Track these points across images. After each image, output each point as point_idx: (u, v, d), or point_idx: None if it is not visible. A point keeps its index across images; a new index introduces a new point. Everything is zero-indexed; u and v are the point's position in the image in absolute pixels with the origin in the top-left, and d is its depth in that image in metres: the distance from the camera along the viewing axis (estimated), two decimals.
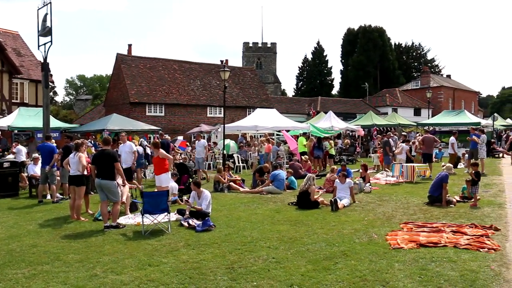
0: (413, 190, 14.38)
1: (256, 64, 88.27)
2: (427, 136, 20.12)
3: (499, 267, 6.67)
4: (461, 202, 12.18)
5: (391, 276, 6.24)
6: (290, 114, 44.05)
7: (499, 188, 14.88)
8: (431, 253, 7.33)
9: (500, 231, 8.89)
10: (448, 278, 6.13)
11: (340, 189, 12.11)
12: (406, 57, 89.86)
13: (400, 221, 9.84)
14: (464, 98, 71.00)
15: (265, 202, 12.74)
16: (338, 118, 31.45)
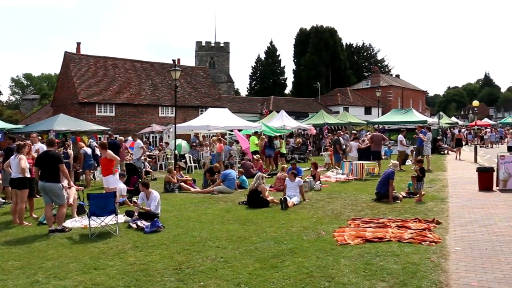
0: (362, 187, 14.70)
1: (209, 63, 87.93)
2: (375, 134, 20.64)
3: (439, 258, 6.93)
4: (407, 197, 12.55)
5: (336, 271, 6.35)
6: (243, 114, 44.12)
7: (443, 183, 15.45)
8: (376, 248, 7.52)
9: (442, 225, 9.25)
10: (391, 272, 6.29)
11: (290, 187, 12.22)
12: (357, 57, 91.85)
13: (348, 217, 10.04)
14: (412, 97, 73.25)
15: (216, 202, 12.69)
16: (290, 117, 31.74)
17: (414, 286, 5.78)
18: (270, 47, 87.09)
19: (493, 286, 5.85)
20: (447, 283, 5.93)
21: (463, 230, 8.79)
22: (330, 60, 78.92)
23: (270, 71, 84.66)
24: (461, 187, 14.36)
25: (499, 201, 11.77)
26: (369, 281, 5.95)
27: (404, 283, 5.88)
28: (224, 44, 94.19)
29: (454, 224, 9.31)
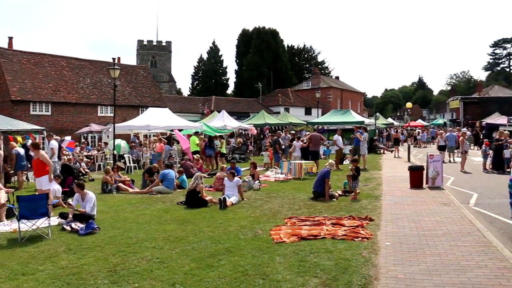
0: (300, 186, 14.98)
1: (150, 62, 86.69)
2: (314, 134, 21.08)
3: (370, 253, 7.23)
4: (343, 196, 12.96)
5: (271, 269, 6.47)
6: (184, 114, 43.78)
7: (377, 182, 16.03)
8: (311, 245, 7.72)
9: (374, 221, 9.63)
10: (324, 268, 6.49)
11: (229, 187, 12.28)
12: (298, 58, 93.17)
13: (285, 216, 10.22)
14: (351, 99, 75.24)
15: (154, 203, 12.54)
16: (231, 117, 31.82)
17: (345, 281, 5.99)
18: (212, 47, 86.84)
19: (418, 277, 6.19)
20: (376, 277, 6.19)
21: (394, 226, 9.20)
22: (272, 61, 79.67)
23: (212, 71, 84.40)
24: (394, 185, 14.98)
25: (428, 198, 12.40)
26: (302, 278, 6.10)
27: (336, 278, 6.08)
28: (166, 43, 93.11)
29: (386, 220, 9.72)
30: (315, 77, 70.09)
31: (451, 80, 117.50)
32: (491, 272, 6.41)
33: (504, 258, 7.07)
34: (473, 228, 9.04)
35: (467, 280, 6.06)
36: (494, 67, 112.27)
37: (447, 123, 64.24)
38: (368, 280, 6.04)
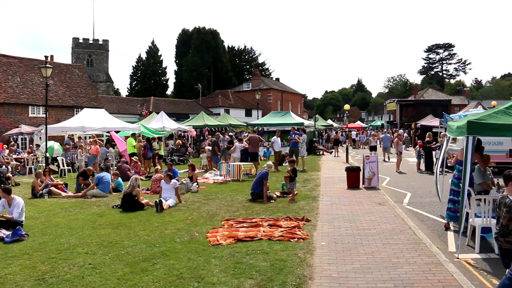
0: (239, 188, 15.00)
1: (87, 61, 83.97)
2: (252, 136, 21.15)
3: (305, 254, 7.34)
4: (281, 197, 13.07)
5: (207, 272, 6.42)
6: (122, 115, 42.78)
7: (316, 183, 16.31)
8: (247, 247, 7.73)
9: (311, 222, 9.79)
10: (259, 269, 6.52)
11: (166, 189, 12.09)
12: (239, 59, 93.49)
13: (222, 218, 10.19)
14: (291, 100, 76.31)
15: (88, 207, 12.12)
16: (170, 119, 31.41)
17: (279, 281, 6.04)
18: (151, 47, 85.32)
19: (351, 275, 6.36)
20: (310, 276, 6.30)
21: (330, 226, 9.39)
22: (212, 62, 79.50)
23: (151, 71, 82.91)
24: (332, 186, 15.31)
25: (364, 198, 12.77)
26: (237, 280, 6.10)
27: (271, 279, 6.12)
28: (103, 41, 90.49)
29: (322, 221, 9.92)
30: (256, 79, 70.53)
31: (388, 83, 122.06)
32: (419, 268, 6.70)
33: (431, 254, 7.41)
34: (405, 226, 9.41)
35: (397, 276, 6.30)
36: (429, 71, 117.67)
37: (384, 124, 66.46)
38: (303, 280, 6.13)
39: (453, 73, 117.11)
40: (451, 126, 9.43)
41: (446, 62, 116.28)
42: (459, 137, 13.33)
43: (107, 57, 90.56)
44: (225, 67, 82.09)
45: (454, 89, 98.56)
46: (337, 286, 6.00)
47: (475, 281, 6.32)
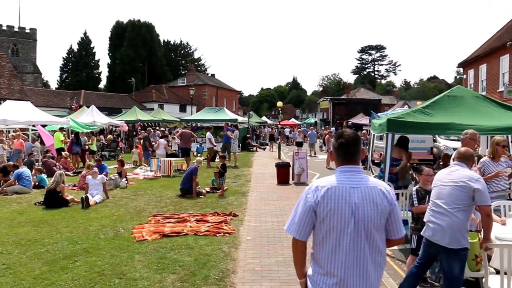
0: (169, 184, 14.86)
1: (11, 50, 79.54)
2: (184, 131, 21.03)
3: (230, 248, 7.43)
4: (211, 192, 13.09)
5: (129, 268, 6.34)
6: (50, 108, 41.00)
7: (246, 178, 16.45)
8: (173, 242, 7.71)
9: (238, 217, 9.90)
10: (183, 264, 6.53)
11: (93, 185, 11.75)
12: (174, 54, 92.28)
13: (150, 214, 10.07)
14: (227, 96, 76.31)
15: (8, 204, 11.49)
16: (101, 113, 30.51)
17: (202, 275, 6.08)
18: (84, 38, 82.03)
19: (274, 268, 6.51)
20: (233, 270, 6.39)
21: (257, 220, 9.54)
22: (146, 56, 77.95)
23: (83, 63, 79.86)
24: (262, 182, 15.51)
25: (293, 193, 13.04)
26: (160, 275, 6.08)
27: (194, 273, 6.15)
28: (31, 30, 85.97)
29: (250, 216, 10.05)
30: (191, 74, 69.93)
31: (323, 82, 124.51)
32: None
33: None
34: None
35: None
36: (361, 71, 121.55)
37: (318, 122, 67.96)
38: (225, 274, 6.21)
39: (384, 74, 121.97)
40: (374, 124, 9.84)
41: (378, 63, 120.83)
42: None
43: (34, 47, 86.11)
44: (160, 62, 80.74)
45: (385, 89, 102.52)
46: (260, 279, 6.12)
47: (390, 270, 6.65)
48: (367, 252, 2.84)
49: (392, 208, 2.91)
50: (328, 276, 2.87)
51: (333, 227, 2.85)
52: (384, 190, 2.91)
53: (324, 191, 2.87)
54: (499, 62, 27.43)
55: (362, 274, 2.83)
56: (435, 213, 4.77)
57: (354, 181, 2.90)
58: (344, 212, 2.83)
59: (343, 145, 2.99)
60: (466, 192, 4.56)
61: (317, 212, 2.88)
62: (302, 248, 3.01)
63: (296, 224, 2.95)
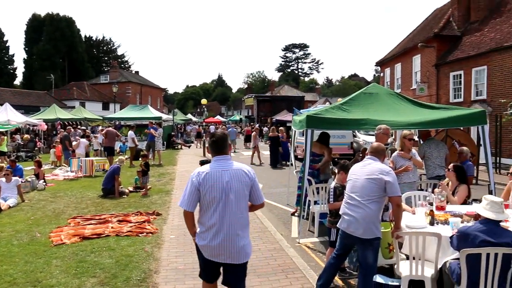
0: (91, 184, 14.39)
1: None
2: (109, 130, 20.43)
3: (153, 248, 7.34)
4: (134, 192, 12.85)
5: (45, 274, 6.07)
6: None
7: (171, 177, 16.27)
8: (93, 244, 7.48)
9: (162, 216, 9.80)
10: (104, 266, 6.35)
11: (6, 188, 11.08)
12: (96, 50, 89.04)
13: (69, 216, 9.70)
14: (151, 94, 74.79)
15: None
16: (17, 112, 28.86)
17: (124, 277, 5.96)
18: None
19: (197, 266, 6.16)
20: (156, 270, 6.32)
21: (181, 219, 9.37)
22: (66, 52, 74.54)
23: None
24: (186, 180, 15.32)
25: None
26: (79, 279, 5.88)
27: (115, 275, 6.01)
28: None
29: (174, 214, 9.97)
30: (114, 71, 67.87)
31: (248, 79, 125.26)
32: (263, 254, 7.10)
33: (275, 241, 7.88)
34: (253, 216, 9.83)
35: None
36: (285, 68, 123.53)
37: (243, 119, 68.36)
38: (148, 274, 6.13)
39: (307, 72, 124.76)
40: (295, 120, 10.06)
41: (302, 61, 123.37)
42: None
43: None
44: (81, 58, 77.50)
45: (308, 87, 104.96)
46: (183, 277, 6.10)
47: (311, 263, 6.87)
48: (234, 213, 4.08)
49: (252, 183, 4.22)
50: (208, 231, 4.11)
51: (212, 199, 4.06)
52: (246, 171, 4.22)
53: (204, 175, 4.09)
54: (412, 61, 29.10)
55: (231, 227, 4.07)
56: (349, 205, 4.99)
57: (224, 166, 4.15)
58: (219, 187, 4.05)
59: (215, 142, 4.24)
60: (378, 184, 4.81)
61: (200, 190, 4.07)
62: (191, 217, 4.22)
63: (186, 200, 4.12)
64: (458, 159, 8.91)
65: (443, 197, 6.14)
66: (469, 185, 7.14)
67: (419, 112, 8.43)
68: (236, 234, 4.10)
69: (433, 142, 9.04)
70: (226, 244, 4.08)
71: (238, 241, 4.12)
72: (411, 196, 7.20)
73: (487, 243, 4.22)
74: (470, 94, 22.84)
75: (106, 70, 78.91)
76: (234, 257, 4.14)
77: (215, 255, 4.13)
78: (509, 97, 19.52)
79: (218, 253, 4.11)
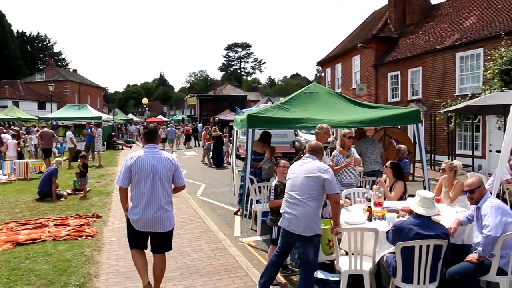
0: (26, 187, 13.80)
1: None
2: (44, 130, 19.63)
3: (92, 251, 7.14)
4: (72, 194, 12.44)
5: None
6: None
7: (111, 178, 15.87)
8: (28, 250, 7.16)
9: (102, 218, 9.55)
10: (40, 273, 6.10)
11: None
12: (30, 47, 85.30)
13: (1, 222, 9.23)
14: (90, 93, 72.61)
15: None
16: None
17: (62, 283, 5.75)
18: None
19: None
20: (96, 274, 6.15)
21: (122, 221, 9.19)
22: None
23: None
24: None
25: None
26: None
27: (52, 282, 5.79)
28: None
29: (115, 216, 9.75)
30: (50, 69, 65.26)
31: (190, 78, 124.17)
32: (205, 254, 7.07)
33: (218, 240, 7.87)
34: (196, 216, 9.81)
35: (184, 265, 6.55)
36: (228, 68, 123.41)
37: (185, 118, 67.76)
38: (87, 279, 5.95)
39: (250, 71, 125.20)
40: (237, 119, 10.09)
41: (244, 61, 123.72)
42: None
43: None
44: (13, 55, 73.83)
45: (251, 86, 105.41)
46: (124, 280, 5.97)
47: (254, 261, 6.92)
48: (160, 192, 5.00)
49: (175, 169, 5.13)
50: (137, 207, 5.00)
51: (140, 178, 4.97)
52: (171, 158, 5.13)
53: (135, 158, 5.04)
54: (352, 62, 29.91)
55: (158, 202, 4.98)
56: (289, 204, 5.05)
57: (153, 153, 5.09)
58: (146, 169, 4.96)
59: (147, 133, 5.25)
60: (317, 182, 4.90)
61: (132, 170, 4.99)
62: (125, 192, 5.14)
63: (121, 178, 5.04)
64: (396, 157, 9.27)
65: (381, 194, 6.36)
66: (405, 181, 7.43)
67: (357, 111, 8.68)
68: (162, 208, 5.02)
69: (368, 140, 9.41)
70: (155, 216, 4.98)
71: (164, 214, 5.04)
72: (350, 193, 7.40)
73: (420, 236, 4.45)
74: (407, 94, 23.76)
75: (41, 68, 75.78)
76: (162, 227, 5.08)
77: (146, 226, 5.02)
78: (442, 97, 20.49)
79: (148, 224, 5.00)
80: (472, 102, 13.11)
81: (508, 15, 18.29)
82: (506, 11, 18.81)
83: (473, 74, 19.23)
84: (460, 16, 22.30)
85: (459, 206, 6.11)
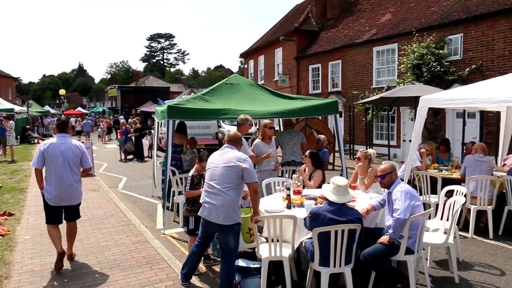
0: None
1: None
2: None
3: (3, 251, 6.78)
4: None
5: None
6: None
7: (26, 173, 15.14)
8: None
9: (15, 215, 9.05)
10: None
11: None
12: None
13: None
14: (1, 84, 68.35)
15: None
16: None
17: None
18: None
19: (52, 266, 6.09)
20: (7, 275, 5.83)
21: (37, 217, 8.83)
22: None
23: None
24: None
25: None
26: None
27: None
28: None
29: (29, 213, 9.32)
30: None
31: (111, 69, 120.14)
32: (127, 248, 6.94)
33: (139, 233, 7.75)
34: (117, 210, 9.58)
35: (104, 259, 6.39)
36: (151, 59, 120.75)
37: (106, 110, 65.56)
38: None
39: (173, 62, 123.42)
40: (158, 110, 9.91)
41: (167, 52, 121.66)
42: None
43: None
44: None
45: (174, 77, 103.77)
46: (39, 279, 5.71)
47: (176, 252, 6.87)
48: (69, 173, 5.99)
49: (82, 154, 6.11)
50: (51, 186, 5.95)
51: (51, 161, 5.92)
52: (78, 145, 6.17)
53: (48, 145, 6.00)
54: (275, 54, 30.37)
55: (68, 181, 5.98)
56: (209, 193, 5.06)
57: (63, 141, 6.06)
58: (57, 154, 5.93)
59: (60, 124, 6.34)
60: (236, 172, 4.94)
61: (44, 154, 5.93)
62: (40, 173, 6.06)
63: (36, 160, 5.98)
64: (316, 147, 9.55)
65: (300, 182, 6.52)
66: (324, 170, 7.67)
67: (278, 102, 8.84)
68: (72, 185, 6.02)
69: (287, 131, 9.53)
70: (66, 192, 5.98)
71: (73, 190, 6.07)
72: (270, 183, 7.54)
73: (335, 221, 4.63)
74: (327, 86, 24.50)
75: None
76: (71, 200, 6.09)
77: (58, 201, 5.99)
78: (360, 89, 21.34)
79: (61, 199, 5.98)
80: (386, 94, 13.82)
81: (419, 13, 19.35)
82: (417, 9, 19.90)
83: (389, 68, 20.20)
84: (377, 13, 23.30)
85: (373, 192, 6.44)
